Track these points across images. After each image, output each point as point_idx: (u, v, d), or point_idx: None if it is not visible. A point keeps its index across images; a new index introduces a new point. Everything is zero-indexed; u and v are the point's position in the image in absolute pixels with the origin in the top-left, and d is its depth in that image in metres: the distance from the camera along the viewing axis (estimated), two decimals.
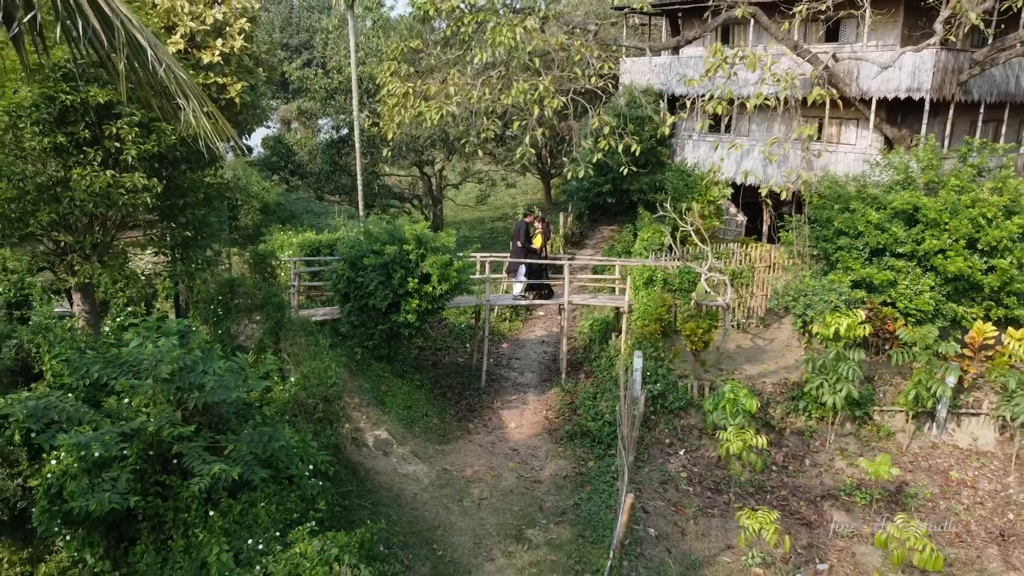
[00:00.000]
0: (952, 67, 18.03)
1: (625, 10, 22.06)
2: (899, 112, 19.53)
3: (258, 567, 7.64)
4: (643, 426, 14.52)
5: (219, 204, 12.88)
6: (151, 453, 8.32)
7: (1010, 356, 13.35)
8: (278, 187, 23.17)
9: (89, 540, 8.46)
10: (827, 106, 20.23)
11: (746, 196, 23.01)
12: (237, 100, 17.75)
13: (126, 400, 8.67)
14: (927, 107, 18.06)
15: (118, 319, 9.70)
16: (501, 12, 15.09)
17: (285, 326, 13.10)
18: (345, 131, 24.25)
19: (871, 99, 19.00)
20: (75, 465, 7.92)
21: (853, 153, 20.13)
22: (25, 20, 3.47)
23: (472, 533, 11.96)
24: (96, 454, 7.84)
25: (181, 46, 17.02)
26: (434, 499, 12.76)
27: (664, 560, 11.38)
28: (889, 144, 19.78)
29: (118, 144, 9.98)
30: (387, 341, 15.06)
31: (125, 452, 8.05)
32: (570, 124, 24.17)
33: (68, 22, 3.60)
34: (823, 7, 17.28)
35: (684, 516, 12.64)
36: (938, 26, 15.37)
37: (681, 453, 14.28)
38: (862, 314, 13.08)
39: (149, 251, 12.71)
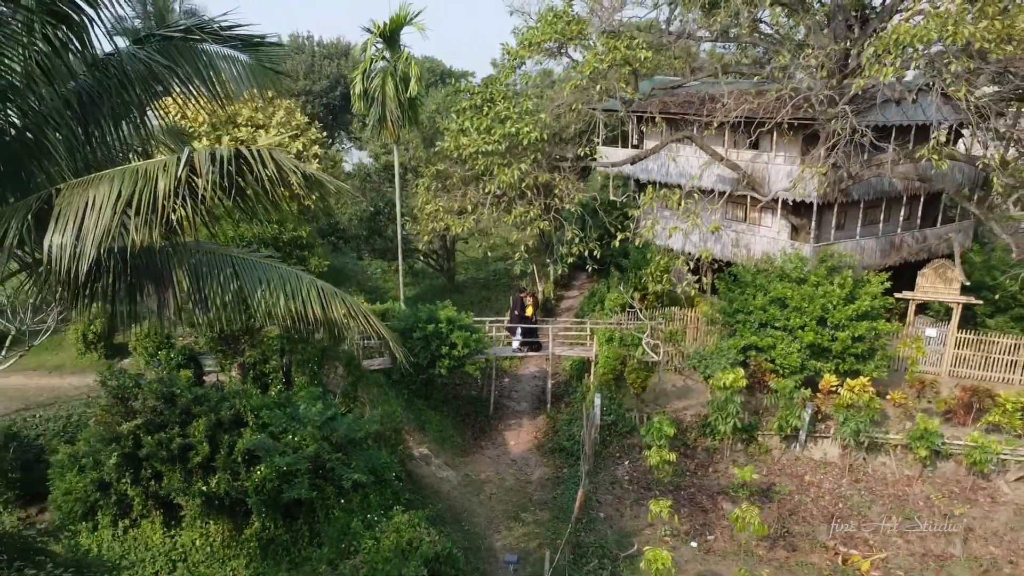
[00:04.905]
0: (833, 179, 24.68)
1: (596, 109, 28.72)
2: (801, 207, 26.21)
3: (376, 528, 14.25)
4: (600, 444, 21.22)
5: None
6: (310, 467, 14.97)
7: (841, 398, 20.02)
8: (328, 251, 29.91)
9: (273, 517, 15.10)
10: (748, 198, 27.15)
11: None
12: (311, 207, 24.49)
13: (291, 436, 15.30)
14: (815, 208, 24.81)
15: (277, 387, 16.36)
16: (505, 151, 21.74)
17: (362, 380, 19.79)
18: (381, 205, 31.02)
19: (778, 199, 25.72)
20: (272, 474, 14.56)
21: (767, 237, 26.87)
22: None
23: (486, 516, 18.65)
24: (284, 468, 14.47)
25: None
26: (460, 494, 19.44)
27: (606, 532, 18.07)
28: (795, 229, 26.57)
29: None
30: (425, 386, 21.79)
31: (299, 468, 14.67)
32: (560, 193, 30.89)
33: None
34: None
35: (624, 505, 19.33)
36: (800, 176, 22.10)
37: (626, 463, 20.96)
38: (742, 371, 19.72)
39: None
